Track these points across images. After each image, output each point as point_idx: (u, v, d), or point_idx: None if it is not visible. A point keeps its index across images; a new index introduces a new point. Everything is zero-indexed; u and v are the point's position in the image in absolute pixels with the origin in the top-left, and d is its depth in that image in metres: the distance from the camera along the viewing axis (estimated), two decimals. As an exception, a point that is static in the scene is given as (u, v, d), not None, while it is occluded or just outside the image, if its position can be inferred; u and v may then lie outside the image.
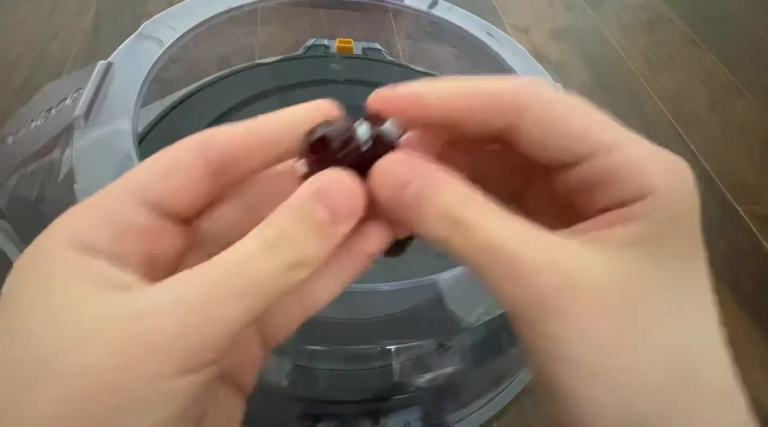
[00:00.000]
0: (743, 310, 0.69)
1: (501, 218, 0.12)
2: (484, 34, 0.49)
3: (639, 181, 0.12)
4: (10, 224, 0.32)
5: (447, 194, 0.13)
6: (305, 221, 0.12)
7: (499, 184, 0.16)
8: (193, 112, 0.47)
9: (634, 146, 0.13)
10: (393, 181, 0.13)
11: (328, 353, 0.32)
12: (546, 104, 0.13)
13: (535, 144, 0.13)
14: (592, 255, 0.12)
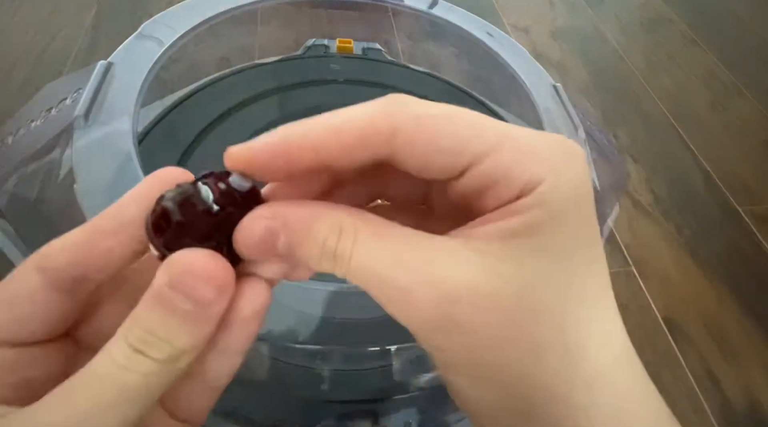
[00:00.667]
0: (743, 310, 0.69)
1: (375, 242, 0.12)
2: (484, 34, 0.49)
3: (518, 182, 0.12)
4: (10, 223, 0.32)
5: (319, 232, 0.12)
6: (169, 315, 0.12)
7: (401, 194, 0.16)
8: (193, 112, 0.47)
9: (510, 146, 0.12)
10: (259, 241, 0.13)
11: (328, 353, 0.32)
12: (415, 124, 0.12)
13: (413, 166, 0.13)
14: (472, 258, 0.12)
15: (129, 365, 0.12)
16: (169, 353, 0.12)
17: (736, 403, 0.60)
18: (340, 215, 0.13)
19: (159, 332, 0.12)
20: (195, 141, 0.45)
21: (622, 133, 0.93)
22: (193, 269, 0.12)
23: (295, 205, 0.13)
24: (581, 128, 0.41)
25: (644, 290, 0.69)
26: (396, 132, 0.12)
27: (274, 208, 0.13)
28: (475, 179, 0.12)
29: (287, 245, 0.13)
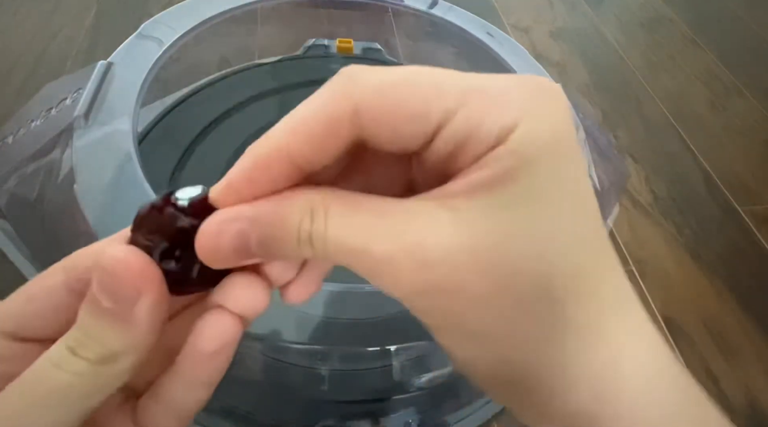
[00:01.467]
0: (743, 310, 0.69)
1: (348, 215, 0.12)
2: (484, 34, 0.49)
3: (490, 133, 0.11)
4: (10, 224, 0.32)
5: (291, 217, 0.12)
6: (96, 314, 0.12)
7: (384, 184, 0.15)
8: (193, 112, 0.47)
9: (478, 97, 0.11)
10: (230, 251, 0.12)
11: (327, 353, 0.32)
12: (375, 97, 0.11)
13: (385, 140, 0.12)
14: (444, 216, 0.11)
15: (61, 364, 0.12)
16: (101, 354, 0.12)
17: (736, 403, 0.60)
18: (308, 194, 0.12)
19: (91, 331, 0.12)
20: (195, 141, 0.45)
21: (622, 133, 0.93)
22: (113, 266, 0.12)
23: (258, 201, 0.12)
24: (581, 128, 0.41)
25: (644, 290, 0.69)
26: (358, 110, 0.11)
27: (235, 209, 0.12)
28: (448, 140, 0.12)
29: (261, 244, 0.12)
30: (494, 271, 0.11)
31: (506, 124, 0.11)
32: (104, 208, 0.29)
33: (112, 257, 0.12)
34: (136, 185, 0.30)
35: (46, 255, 0.32)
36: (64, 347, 0.12)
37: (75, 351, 0.12)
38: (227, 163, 0.43)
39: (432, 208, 0.12)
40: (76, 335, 0.12)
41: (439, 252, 0.11)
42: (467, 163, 0.12)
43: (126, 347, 0.12)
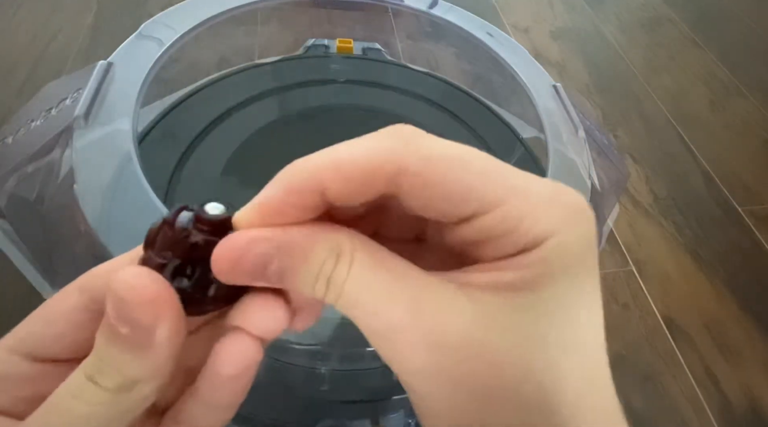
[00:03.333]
0: (743, 310, 0.69)
1: (371, 270, 0.12)
2: (484, 34, 0.49)
3: (523, 238, 0.12)
4: (11, 224, 0.32)
5: (315, 258, 0.12)
6: (113, 340, 0.11)
7: (395, 231, 0.15)
8: (193, 112, 0.47)
9: (518, 200, 0.12)
10: (248, 267, 0.12)
11: (327, 353, 0.32)
12: (422, 167, 0.12)
13: (416, 207, 0.12)
14: (467, 305, 0.12)
15: (80, 394, 0.12)
16: (121, 382, 0.12)
17: (736, 403, 0.60)
18: (340, 236, 0.12)
19: (108, 359, 0.12)
20: (195, 141, 0.45)
21: (622, 133, 0.93)
22: (121, 291, 0.11)
23: (291, 227, 0.12)
24: (581, 128, 0.41)
25: (644, 290, 0.69)
26: (401, 173, 0.12)
27: (266, 230, 0.12)
28: (478, 229, 0.12)
29: (280, 272, 0.12)
30: (506, 371, 0.11)
31: (539, 234, 0.12)
32: (104, 208, 0.29)
33: (123, 282, 0.11)
34: (136, 185, 0.30)
35: (46, 255, 0.32)
36: (82, 376, 0.12)
37: (94, 379, 0.12)
38: (227, 163, 0.43)
39: (454, 292, 0.12)
40: (94, 362, 0.12)
41: (454, 336, 0.11)
42: (490, 254, 0.12)
43: (146, 374, 0.12)
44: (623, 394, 0.59)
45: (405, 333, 0.11)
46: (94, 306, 0.13)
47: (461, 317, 0.11)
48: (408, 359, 0.11)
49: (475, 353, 0.11)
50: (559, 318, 0.12)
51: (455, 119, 0.52)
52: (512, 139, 0.52)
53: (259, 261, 0.12)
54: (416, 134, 0.12)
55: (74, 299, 0.13)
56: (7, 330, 0.14)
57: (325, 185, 0.12)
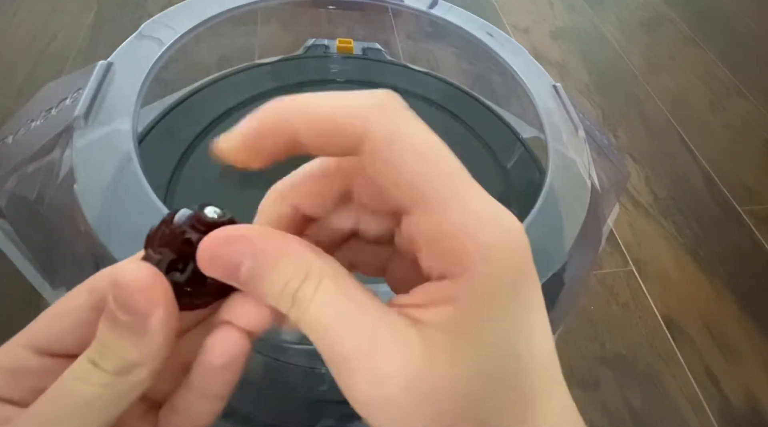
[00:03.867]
0: (743, 310, 0.69)
1: (335, 296, 0.12)
2: (484, 34, 0.49)
3: (449, 257, 0.12)
4: (11, 224, 0.32)
5: (284, 270, 0.12)
6: (113, 326, 0.13)
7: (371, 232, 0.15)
8: (193, 112, 0.47)
9: (452, 212, 0.12)
10: (223, 262, 0.13)
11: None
12: (386, 140, 0.12)
13: (368, 174, 0.13)
14: (415, 342, 0.12)
15: (85, 376, 0.13)
16: (120, 365, 0.13)
17: (736, 403, 0.60)
18: (311, 257, 0.13)
19: (109, 344, 0.13)
20: (195, 141, 0.45)
21: (622, 133, 0.93)
22: (126, 280, 0.12)
23: (269, 236, 0.13)
24: (581, 128, 0.41)
25: (644, 290, 0.69)
26: (364, 140, 0.12)
27: (250, 231, 0.13)
28: (416, 225, 0.12)
29: (249, 273, 0.12)
30: (447, 409, 0.12)
31: (468, 259, 0.12)
32: (104, 208, 0.29)
33: (124, 273, 0.12)
34: (136, 185, 0.30)
35: (46, 255, 0.32)
36: (86, 360, 0.13)
37: (96, 363, 0.13)
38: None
39: (407, 329, 0.12)
40: (97, 348, 0.13)
41: (404, 375, 0.12)
42: (429, 263, 0.12)
43: (142, 357, 0.13)
44: (623, 394, 0.59)
45: (357, 364, 0.12)
46: (100, 305, 0.14)
47: (411, 354, 0.12)
48: (358, 389, 0.12)
49: (418, 391, 0.12)
50: (502, 350, 0.12)
51: (455, 119, 0.52)
52: (512, 139, 0.52)
53: (232, 259, 0.12)
54: (396, 108, 0.12)
55: (83, 297, 0.14)
56: (7, 329, 0.14)
57: (294, 128, 0.12)
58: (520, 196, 0.45)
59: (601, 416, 0.57)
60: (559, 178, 0.37)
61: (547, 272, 0.31)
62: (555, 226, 0.35)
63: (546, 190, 0.36)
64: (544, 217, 0.34)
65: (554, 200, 0.36)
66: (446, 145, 0.13)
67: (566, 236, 0.34)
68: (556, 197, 0.36)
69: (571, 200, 0.37)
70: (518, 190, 0.46)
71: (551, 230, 0.35)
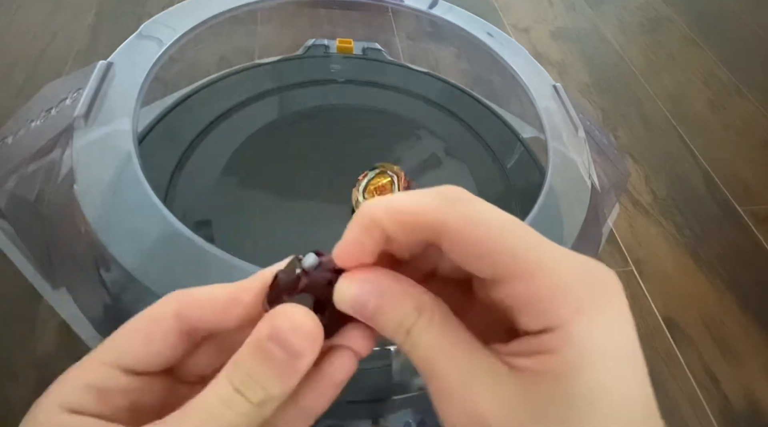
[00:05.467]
0: (743, 310, 0.69)
1: (443, 333, 0.14)
2: (484, 34, 0.49)
3: (545, 315, 0.13)
4: (11, 224, 0.32)
5: (401, 309, 0.14)
6: (266, 362, 0.14)
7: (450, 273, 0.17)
8: (193, 112, 0.47)
9: (542, 276, 0.13)
10: (354, 301, 0.14)
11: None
12: (461, 226, 0.13)
13: (455, 259, 0.14)
14: (512, 388, 0.13)
15: (230, 403, 0.13)
16: (262, 398, 0.14)
17: (736, 403, 0.60)
18: (424, 297, 0.14)
19: (257, 376, 0.14)
20: (195, 141, 0.45)
21: (622, 133, 0.93)
22: (292, 322, 0.14)
23: (391, 278, 0.15)
24: (581, 128, 0.41)
25: (644, 290, 0.69)
26: (443, 228, 0.13)
27: (376, 275, 0.15)
28: (508, 294, 0.13)
29: (375, 310, 0.14)
30: None
31: (563, 315, 0.12)
32: (104, 208, 0.29)
33: (293, 318, 0.14)
34: (136, 185, 0.30)
35: (45, 255, 0.32)
36: (230, 387, 0.14)
37: (241, 392, 0.13)
38: (227, 163, 0.43)
39: (507, 374, 0.13)
40: (242, 377, 0.14)
41: (495, 418, 0.12)
42: (525, 324, 0.13)
43: (282, 394, 0.14)
44: (623, 394, 0.59)
45: (455, 399, 0.13)
46: (188, 331, 0.16)
47: (506, 399, 0.13)
48: (452, 421, 0.13)
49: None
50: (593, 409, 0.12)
51: (455, 119, 0.52)
52: (512, 139, 0.52)
53: (363, 299, 0.14)
54: (464, 196, 0.14)
55: (170, 322, 0.15)
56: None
57: (383, 225, 0.14)
58: (520, 196, 0.45)
59: (601, 416, 0.57)
60: (559, 178, 0.37)
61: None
62: (555, 226, 0.35)
63: (546, 190, 0.36)
64: (544, 217, 0.34)
65: (554, 200, 0.36)
66: (510, 215, 0.14)
67: (566, 236, 0.34)
68: (556, 197, 0.36)
69: (571, 200, 0.37)
70: (518, 190, 0.46)
71: (551, 230, 0.35)
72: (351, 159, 0.45)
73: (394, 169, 0.43)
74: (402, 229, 0.14)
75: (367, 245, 0.15)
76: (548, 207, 0.35)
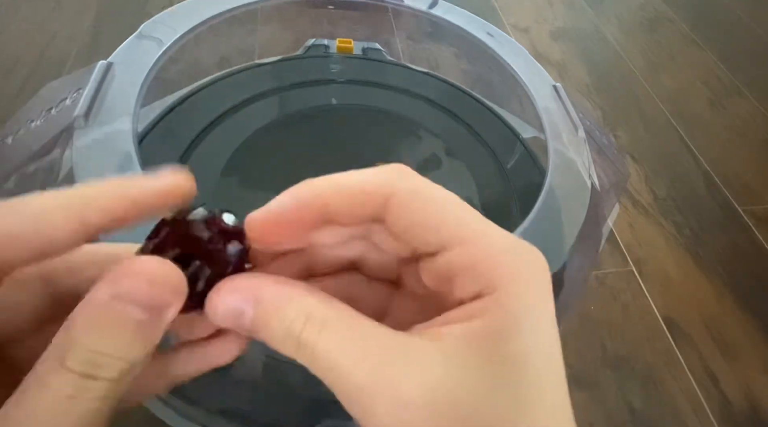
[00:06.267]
0: (743, 310, 0.69)
1: (341, 335, 0.12)
2: (484, 34, 0.49)
3: (482, 279, 0.13)
4: (10, 224, 0.32)
5: (286, 315, 0.12)
6: (119, 329, 0.11)
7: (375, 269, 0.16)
8: (193, 112, 0.47)
9: (484, 242, 0.13)
10: (226, 311, 0.13)
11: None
12: (408, 196, 0.13)
13: (398, 231, 0.14)
14: (436, 358, 0.12)
15: (80, 393, 0.11)
16: (123, 368, 0.11)
17: (736, 403, 0.60)
18: (311, 301, 0.13)
19: (110, 349, 0.11)
20: (195, 141, 0.45)
21: (622, 133, 0.93)
22: (147, 275, 0.12)
23: (269, 283, 0.13)
24: (581, 128, 0.41)
25: (644, 290, 0.69)
26: (391, 199, 0.13)
27: (250, 282, 0.13)
28: (445, 262, 0.13)
29: (252, 322, 0.13)
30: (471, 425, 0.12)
31: (494, 279, 0.13)
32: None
33: (150, 269, 0.12)
34: (136, 185, 0.30)
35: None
36: (71, 375, 0.11)
37: (93, 375, 0.11)
38: (227, 163, 0.43)
39: (423, 346, 0.12)
40: (86, 356, 0.11)
41: (421, 393, 0.11)
42: (454, 294, 0.13)
43: (148, 353, 0.12)
44: (623, 394, 0.59)
45: (371, 393, 0.12)
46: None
47: (430, 372, 0.12)
48: (378, 418, 0.12)
49: (441, 410, 0.11)
50: (518, 372, 0.12)
51: (455, 119, 0.52)
52: (512, 139, 0.52)
53: (237, 309, 0.13)
54: (409, 171, 0.14)
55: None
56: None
57: (327, 202, 0.13)
58: (520, 196, 0.45)
59: (601, 417, 0.57)
60: (559, 178, 0.37)
61: (547, 272, 0.31)
62: (555, 226, 0.35)
63: (546, 190, 0.36)
64: (544, 217, 0.34)
65: (554, 200, 0.36)
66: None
67: (566, 236, 0.34)
68: (556, 197, 0.36)
69: (571, 200, 0.37)
70: (518, 190, 0.46)
71: (551, 230, 0.35)
72: (351, 159, 0.45)
73: (394, 169, 0.43)
74: (348, 203, 0.13)
75: (296, 222, 0.14)
76: (548, 207, 0.35)
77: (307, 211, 0.13)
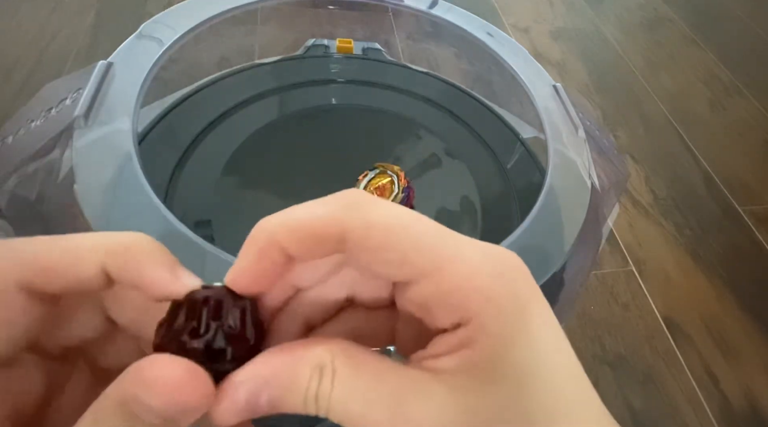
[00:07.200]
0: (743, 310, 0.69)
1: (353, 378, 0.12)
2: (484, 34, 0.49)
3: (458, 311, 0.12)
4: (10, 224, 0.32)
5: (302, 379, 0.12)
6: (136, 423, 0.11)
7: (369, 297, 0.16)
8: (193, 112, 0.47)
9: (449, 271, 0.13)
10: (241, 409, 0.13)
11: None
12: (363, 232, 0.13)
13: (363, 268, 0.13)
14: (442, 393, 0.12)
15: None
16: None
17: (736, 403, 0.60)
18: (320, 352, 0.13)
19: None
20: (195, 141, 0.45)
21: (622, 133, 0.93)
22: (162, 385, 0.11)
23: (273, 358, 0.13)
24: (581, 128, 0.41)
25: (644, 290, 0.69)
26: (345, 237, 0.13)
27: (253, 370, 0.13)
28: (418, 295, 0.13)
29: (271, 402, 0.13)
30: None
31: (470, 309, 0.12)
32: (104, 208, 0.29)
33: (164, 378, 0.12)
34: (136, 185, 0.30)
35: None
36: None
37: None
38: (227, 163, 0.43)
39: (428, 382, 0.12)
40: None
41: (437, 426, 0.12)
42: (438, 323, 0.13)
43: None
44: (623, 394, 0.59)
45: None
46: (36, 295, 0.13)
47: (439, 406, 0.12)
48: None
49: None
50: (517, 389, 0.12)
51: (455, 119, 0.52)
52: (512, 139, 0.52)
53: (251, 399, 0.12)
54: (363, 200, 0.13)
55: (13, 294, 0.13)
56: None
57: (283, 245, 0.13)
58: (520, 196, 0.45)
59: (601, 416, 0.57)
60: (559, 178, 0.37)
61: (547, 272, 0.31)
62: (555, 226, 0.35)
63: (546, 190, 0.36)
64: (544, 217, 0.34)
65: (554, 200, 0.36)
66: (412, 211, 0.13)
67: (566, 236, 0.34)
68: (556, 197, 0.36)
69: (571, 200, 0.37)
70: (518, 190, 0.46)
71: (551, 230, 0.35)
72: (351, 159, 0.45)
73: (394, 169, 0.43)
74: (302, 244, 0.13)
75: (267, 269, 0.13)
76: (548, 207, 0.35)
77: (267, 258, 0.13)
